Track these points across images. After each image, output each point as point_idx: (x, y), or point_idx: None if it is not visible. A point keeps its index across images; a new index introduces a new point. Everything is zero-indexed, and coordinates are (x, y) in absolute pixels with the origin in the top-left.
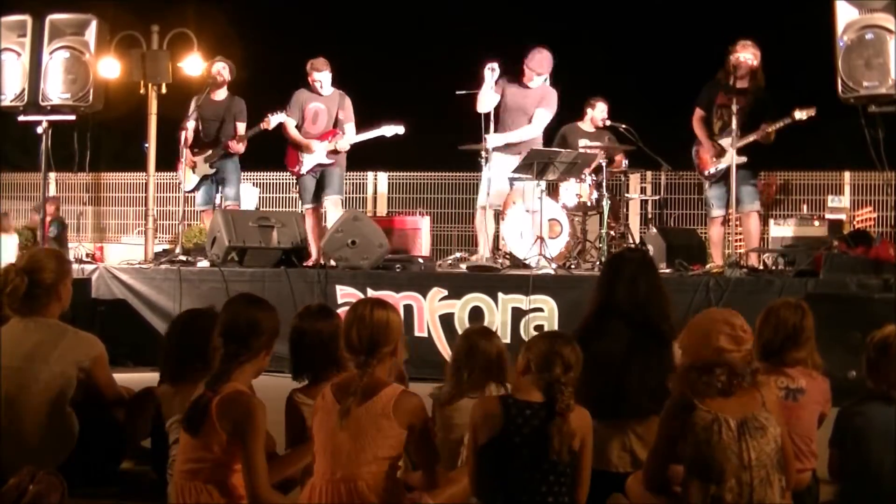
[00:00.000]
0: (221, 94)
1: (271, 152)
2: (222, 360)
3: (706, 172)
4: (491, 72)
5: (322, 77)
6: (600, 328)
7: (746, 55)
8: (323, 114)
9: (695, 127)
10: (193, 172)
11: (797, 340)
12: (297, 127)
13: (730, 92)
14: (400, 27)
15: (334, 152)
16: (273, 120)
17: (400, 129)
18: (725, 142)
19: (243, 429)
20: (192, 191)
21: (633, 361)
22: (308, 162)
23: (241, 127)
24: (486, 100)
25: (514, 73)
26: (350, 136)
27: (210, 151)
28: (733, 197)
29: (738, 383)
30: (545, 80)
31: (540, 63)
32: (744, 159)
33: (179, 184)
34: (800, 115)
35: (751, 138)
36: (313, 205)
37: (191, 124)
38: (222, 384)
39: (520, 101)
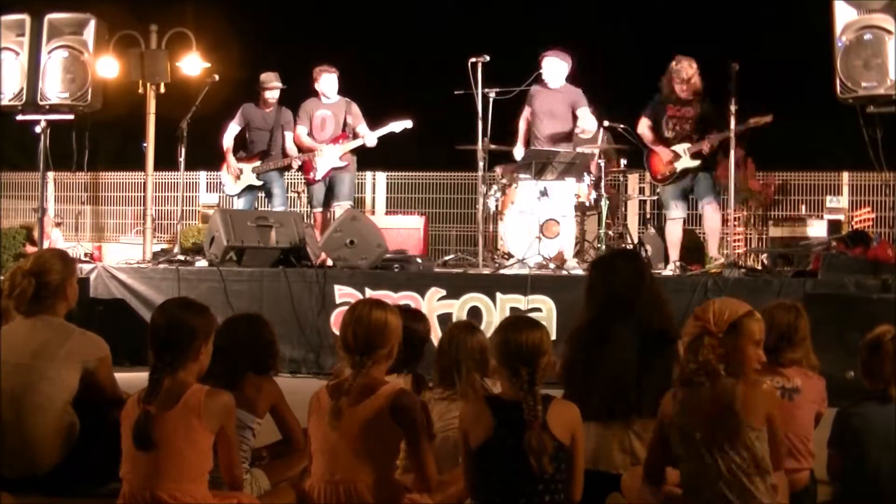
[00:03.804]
0: (271, 106)
1: None
2: (154, 369)
3: (658, 177)
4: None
5: (328, 81)
6: (607, 332)
7: (690, 70)
8: (330, 120)
9: (644, 135)
10: (238, 179)
11: (792, 341)
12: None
13: (676, 103)
14: (398, 27)
15: (348, 154)
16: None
17: (408, 124)
18: (680, 147)
19: (228, 423)
20: (235, 195)
21: (636, 365)
22: (322, 167)
23: (289, 137)
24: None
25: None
26: (373, 134)
27: (259, 162)
28: (732, 197)
29: (698, 378)
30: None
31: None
32: (697, 162)
33: (222, 185)
34: (755, 122)
35: (704, 145)
36: (322, 209)
37: (234, 129)
38: (163, 396)
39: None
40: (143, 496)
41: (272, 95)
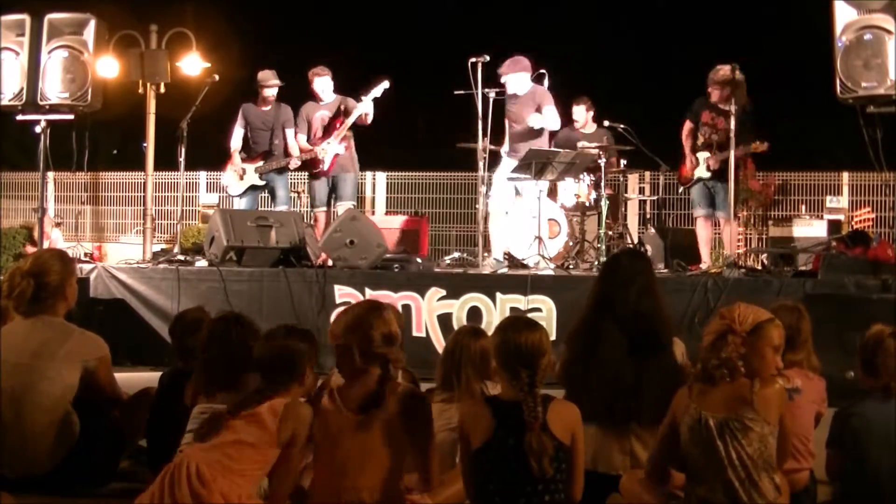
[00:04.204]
0: (270, 104)
1: None
2: (258, 390)
3: (682, 180)
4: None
5: (323, 83)
6: (599, 331)
7: (727, 73)
8: (328, 120)
9: (683, 139)
10: (241, 179)
11: (794, 342)
12: (307, 139)
13: (713, 111)
14: (398, 27)
15: (348, 137)
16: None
17: (385, 84)
18: (702, 155)
19: (299, 433)
20: (237, 196)
21: (629, 368)
22: (328, 157)
23: (290, 134)
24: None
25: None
26: (365, 100)
27: (261, 162)
28: (731, 198)
29: (719, 374)
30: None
31: (510, 67)
32: (709, 174)
33: (225, 186)
34: (755, 147)
35: (719, 157)
36: (324, 209)
37: (240, 132)
38: (245, 410)
39: (516, 112)
40: (189, 467)
41: (271, 93)
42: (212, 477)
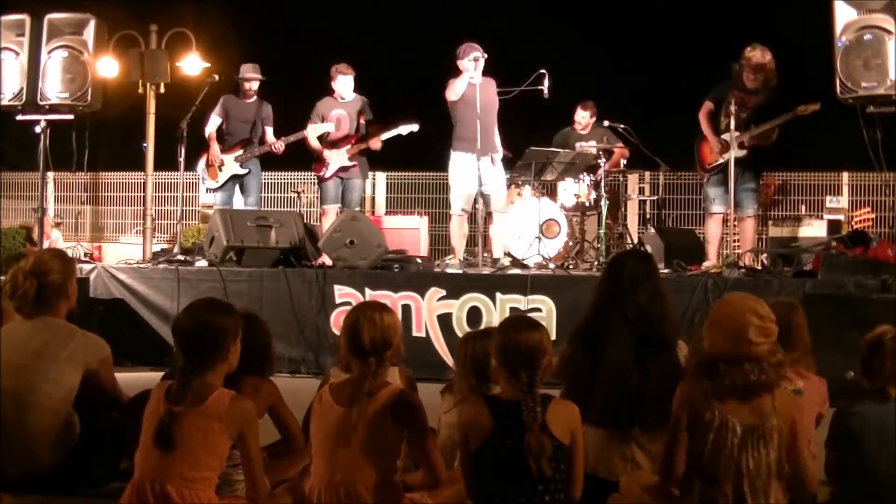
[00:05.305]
0: (251, 97)
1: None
2: (183, 372)
3: (706, 165)
4: (475, 62)
5: (343, 82)
6: (607, 331)
7: (761, 58)
8: (345, 120)
9: (701, 120)
10: (220, 171)
11: (786, 339)
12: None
13: (742, 91)
14: (398, 27)
15: (357, 154)
16: (311, 129)
17: (414, 127)
18: (730, 136)
19: (248, 431)
20: (216, 189)
21: (635, 370)
22: (332, 166)
23: (269, 131)
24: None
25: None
26: (377, 137)
27: (241, 151)
28: (731, 196)
29: (760, 382)
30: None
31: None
32: (743, 152)
33: (201, 180)
34: (803, 109)
35: (755, 132)
36: (337, 205)
37: (216, 120)
38: (188, 397)
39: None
40: (153, 488)
41: (251, 86)
42: (178, 495)
